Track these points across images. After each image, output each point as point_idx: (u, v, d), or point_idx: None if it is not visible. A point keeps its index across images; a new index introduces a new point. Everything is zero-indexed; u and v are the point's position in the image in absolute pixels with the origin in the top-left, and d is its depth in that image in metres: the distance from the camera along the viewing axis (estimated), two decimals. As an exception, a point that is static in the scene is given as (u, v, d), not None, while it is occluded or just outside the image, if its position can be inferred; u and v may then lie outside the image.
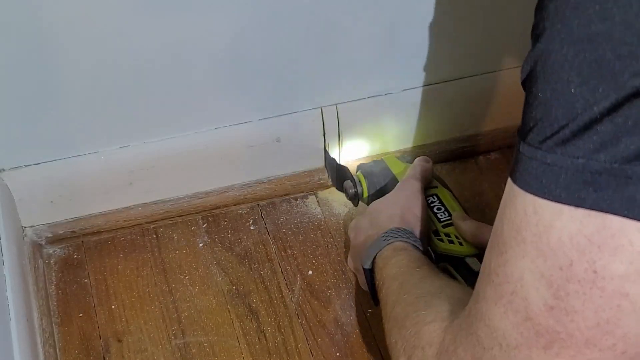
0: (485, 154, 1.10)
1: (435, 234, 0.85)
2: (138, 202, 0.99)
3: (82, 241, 0.98)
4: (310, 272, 0.95)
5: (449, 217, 0.86)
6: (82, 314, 0.91)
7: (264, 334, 0.89)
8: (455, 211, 0.87)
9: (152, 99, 0.91)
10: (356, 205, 0.97)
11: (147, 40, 0.85)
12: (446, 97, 1.03)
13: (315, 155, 1.03)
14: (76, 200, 0.96)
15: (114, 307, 0.91)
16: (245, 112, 0.97)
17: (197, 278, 0.94)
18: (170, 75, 0.89)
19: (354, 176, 0.97)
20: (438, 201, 0.89)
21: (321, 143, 1.02)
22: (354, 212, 1.00)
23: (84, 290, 0.93)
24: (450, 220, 0.86)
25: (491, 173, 1.07)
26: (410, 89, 1.00)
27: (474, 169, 1.09)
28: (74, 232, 0.98)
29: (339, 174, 0.99)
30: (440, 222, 0.86)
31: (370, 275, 0.78)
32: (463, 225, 0.83)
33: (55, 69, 0.84)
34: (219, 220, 1.01)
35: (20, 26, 0.79)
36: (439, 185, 0.91)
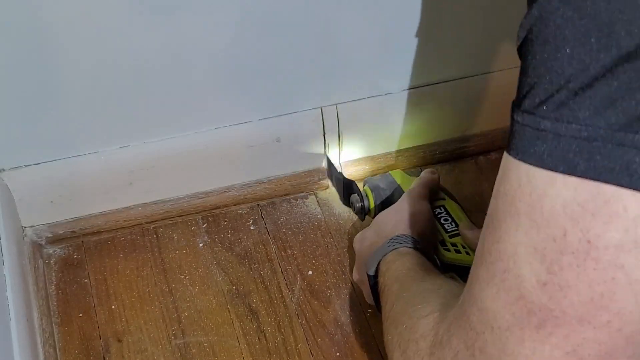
0: (485, 154, 1.10)
1: (442, 244, 0.85)
2: (138, 202, 0.99)
3: (82, 241, 0.98)
4: (310, 272, 0.95)
5: (455, 228, 0.86)
6: (82, 314, 0.91)
7: (264, 334, 0.89)
8: (462, 221, 0.87)
9: (152, 99, 0.91)
10: (362, 219, 0.97)
11: (147, 40, 0.85)
12: (446, 97, 1.03)
13: (315, 155, 1.03)
14: (76, 200, 0.96)
15: (114, 307, 0.91)
16: (245, 112, 0.97)
17: (197, 278, 0.94)
18: (170, 75, 0.89)
19: (360, 190, 0.97)
20: (445, 212, 0.89)
21: (321, 143, 1.02)
22: (359, 223, 0.99)
23: (84, 290, 0.93)
24: (457, 231, 0.86)
25: (491, 173, 1.07)
26: (410, 89, 1.00)
27: (474, 169, 1.09)
28: (74, 232, 0.98)
29: (346, 188, 0.98)
30: (447, 233, 0.86)
31: (373, 281, 0.78)
32: (470, 234, 0.83)
33: (55, 69, 0.84)
34: (219, 220, 1.01)
35: (20, 26, 0.79)
36: (446, 197, 0.91)
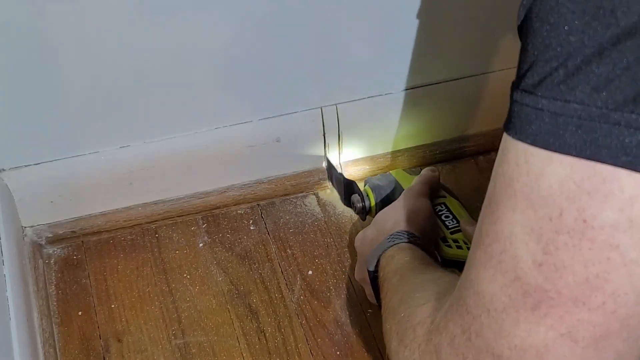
0: (485, 154, 1.10)
1: (444, 241, 0.85)
2: (138, 202, 0.99)
3: (82, 241, 0.98)
4: (310, 272, 0.95)
5: (457, 224, 0.87)
6: (82, 314, 0.91)
7: (264, 334, 0.89)
8: (463, 218, 0.87)
9: (152, 99, 0.91)
10: (364, 219, 0.97)
11: (147, 40, 0.85)
12: (446, 97, 1.03)
13: (315, 155, 1.03)
14: (76, 200, 0.96)
15: (114, 307, 0.91)
16: (245, 112, 0.97)
17: (197, 278, 0.94)
18: (170, 75, 0.89)
19: (361, 190, 0.97)
20: (446, 209, 0.89)
21: (321, 143, 1.02)
22: (359, 223, 0.99)
23: (84, 290, 0.93)
24: (458, 227, 0.86)
25: (491, 173, 1.07)
26: (410, 89, 1.00)
27: (474, 169, 1.09)
28: (74, 232, 0.98)
29: (347, 188, 0.98)
30: (448, 229, 0.86)
31: (373, 276, 0.78)
32: (471, 230, 0.83)
33: (55, 69, 0.84)
34: (219, 220, 1.01)
35: (20, 26, 0.79)
36: (447, 195, 0.91)
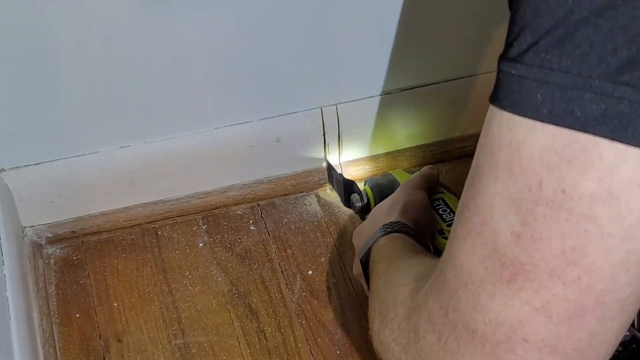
0: (485, 153, 1.10)
1: (440, 233, 0.86)
2: (138, 202, 0.99)
3: (82, 241, 0.98)
4: (310, 272, 0.95)
5: (454, 217, 0.86)
6: (82, 314, 0.91)
7: (264, 334, 0.89)
8: None
9: (152, 99, 0.91)
10: (363, 218, 0.96)
11: (148, 40, 0.85)
12: (446, 97, 1.03)
13: (315, 155, 1.03)
14: (76, 200, 0.96)
15: (114, 307, 0.91)
16: (245, 112, 0.97)
17: (197, 278, 0.94)
18: (170, 75, 0.89)
19: (361, 190, 0.97)
20: (443, 204, 0.89)
21: (321, 143, 1.02)
22: (359, 222, 0.99)
23: (84, 290, 0.93)
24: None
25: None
26: (409, 88, 1.00)
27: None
28: (74, 232, 0.98)
29: (346, 188, 0.98)
30: (445, 222, 0.86)
31: (365, 266, 0.78)
32: None
33: (55, 69, 0.84)
34: (219, 220, 1.01)
35: (20, 26, 0.79)
36: (445, 191, 0.91)
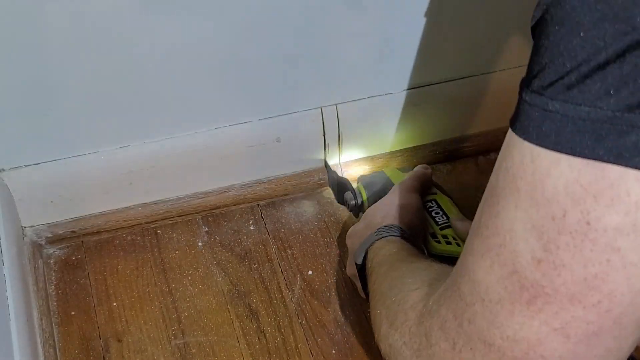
0: (485, 154, 1.10)
1: (433, 237, 0.85)
2: (138, 202, 0.99)
3: (82, 241, 0.98)
4: (310, 272, 0.95)
5: (447, 220, 0.86)
6: (82, 314, 0.91)
7: (264, 334, 0.89)
8: (453, 214, 0.87)
9: (152, 99, 0.91)
10: (357, 216, 0.97)
11: (148, 40, 0.85)
12: (446, 97, 1.03)
13: (315, 155, 1.03)
14: (76, 200, 0.96)
15: (113, 307, 0.91)
16: (245, 112, 0.97)
17: (197, 278, 0.94)
18: (170, 75, 0.89)
19: (354, 188, 0.97)
20: (436, 205, 0.89)
21: (321, 143, 1.02)
22: (354, 221, 0.99)
23: (84, 290, 0.93)
24: (448, 223, 0.86)
25: (491, 173, 1.07)
26: (409, 89, 1.00)
27: (474, 169, 1.09)
28: (74, 232, 0.98)
29: (340, 186, 0.98)
30: (438, 225, 0.86)
31: (361, 269, 0.78)
32: (461, 225, 0.83)
33: (55, 69, 0.84)
34: (219, 220, 1.01)
35: (20, 26, 0.79)
36: (438, 192, 0.91)
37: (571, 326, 0.43)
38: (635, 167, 0.39)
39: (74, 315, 0.91)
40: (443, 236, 0.85)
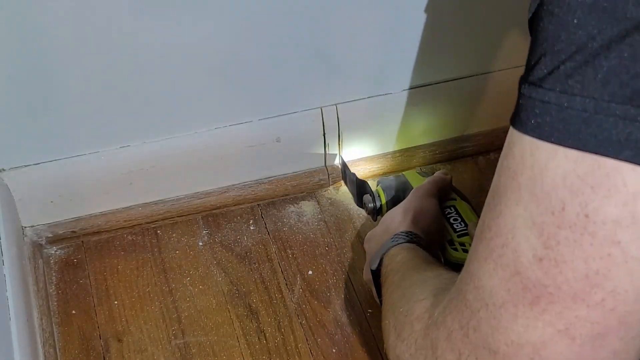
0: (485, 154, 1.10)
1: (450, 244, 0.85)
2: (138, 202, 0.99)
3: (82, 241, 0.98)
4: (310, 272, 0.95)
5: (464, 227, 0.86)
6: (82, 314, 0.91)
7: (264, 334, 0.89)
8: (472, 221, 0.86)
9: (152, 99, 0.91)
10: (375, 219, 0.96)
11: (147, 40, 0.85)
12: (446, 97, 1.03)
13: (315, 155, 1.03)
14: (76, 200, 0.96)
15: (114, 307, 0.91)
16: (245, 112, 0.97)
17: (197, 278, 0.94)
18: (170, 75, 0.89)
19: (373, 191, 0.96)
20: (455, 212, 0.88)
21: (321, 143, 1.02)
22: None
23: (84, 290, 0.93)
24: (465, 231, 0.85)
25: (491, 173, 1.05)
26: (409, 89, 1.00)
27: (474, 169, 1.09)
28: (74, 232, 0.98)
29: (359, 188, 0.97)
30: (456, 232, 0.86)
31: (376, 276, 0.77)
32: None
33: (55, 69, 0.84)
34: (219, 220, 1.01)
35: (20, 26, 0.79)
36: (457, 198, 0.91)
37: (576, 327, 0.43)
38: (627, 161, 0.39)
39: (74, 315, 0.91)
40: (460, 244, 0.84)
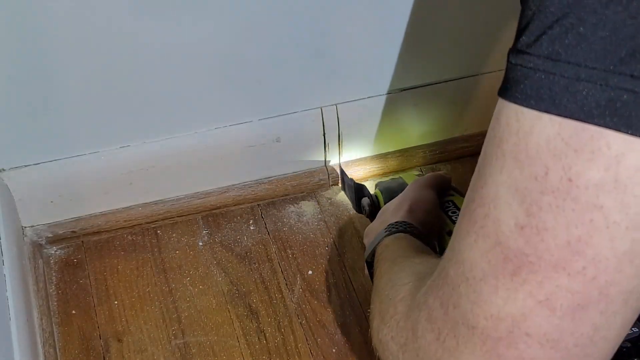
0: (485, 154, 1.10)
1: (449, 235, 0.85)
2: (138, 202, 0.99)
3: (82, 241, 0.98)
4: (310, 272, 0.95)
5: None
6: (82, 314, 0.91)
7: (264, 334, 0.89)
8: None
9: (152, 99, 0.91)
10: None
11: (147, 40, 0.85)
12: (446, 97, 1.03)
13: (316, 155, 1.03)
14: (76, 200, 0.96)
15: (114, 307, 0.91)
16: (245, 112, 0.97)
17: (197, 278, 0.94)
18: (170, 75, 0.89)
19: (371, 193, 0.96)
20: (453, 206, 0.88)
21: (321, 143, 1.02)
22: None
23: (84, 290, 0.93)
24: None
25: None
26: (410, 88, 1.00)
27: (474, 169, 1.08)
28: (74, 232, 0.98)
29: (357, 192, 0.97)
30: (454, 223, 0.86)
31: (371, 266, 0.77)
32: None
33: (55, 69, 0.84)
34: (219, 220, 1.01)
35: (20, 26, 0.79)
36: (455, 194, 0.91)
37: (556, 297, 0.42)
38: (610, 127, 0.38)
39: (74, 315, 0.91)
40: None
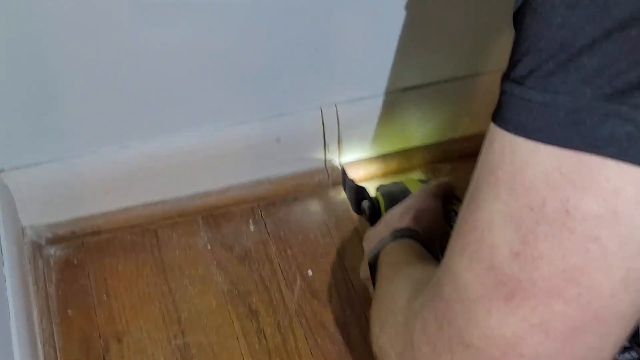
0: (485, 154, 1.10)
1: None
2: (138, 202, 0.99)
3: (82, 241, 0.98)
4: (310, 272, 0.95)
5: None
6: (82, 314, 0.91)
7: (264, 334, 0.89)
8: None
9: (153, 99, 0.91)
10: (373, 225, 0.96)
11: (148, 41, 0.85)
12: (447, 97, 1.03)
13: (315, 155, 1.03)
14: (76, 200, 0.96)
15: (114, 308, 0.91)
16: (245, 112, 0.97)
17: (197, 278, 0.94)
18: (170, 75, 0.89)
19: (371, 196, 0.96)
20: (456, 216, 0.88)
21: (321, 143, 1.02)
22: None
23: (84, 291, 0.93)
24: None
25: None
26: (410, 88, 1.00)
27: (474, 169, 1.08)
28: (74, 232, 0.98)
29: (357, 194, 0.97)
30: None
31: (373, 270, 0.77)
32: None
33: (55, 69, 0.84)
34: (219, 220, 1.01)
35: (20, 27, 0.79)
36: (458, 204, 0.90)
37: (550, 322, 0.42)
38: (610, 157, 0.38)
39: (74, 315, 0.91)
40: None
